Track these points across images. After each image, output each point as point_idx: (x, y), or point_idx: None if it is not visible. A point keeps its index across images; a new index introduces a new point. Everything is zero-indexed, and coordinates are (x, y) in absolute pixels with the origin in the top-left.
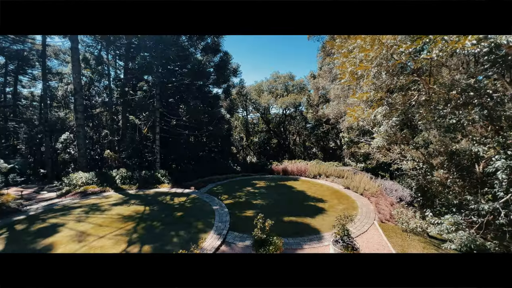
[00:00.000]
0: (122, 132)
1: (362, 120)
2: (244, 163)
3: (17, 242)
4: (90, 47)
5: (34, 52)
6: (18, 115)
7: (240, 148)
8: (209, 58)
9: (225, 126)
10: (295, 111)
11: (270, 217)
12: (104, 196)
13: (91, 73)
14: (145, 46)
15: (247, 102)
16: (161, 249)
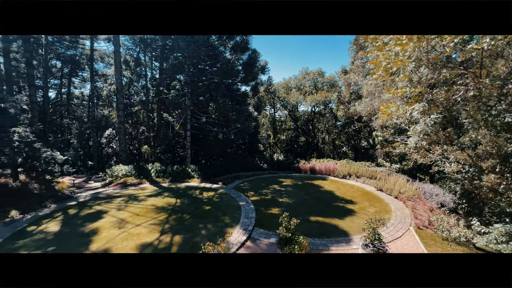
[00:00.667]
0: (157, 129)
1: (396, 117)
2: (270, 160)
3: (69, 225)
4: (130, 50)
5: (84, 56)
6: (71, 113)
7: (267, 145)
8: (237, 56)
9: (252, 124)
10: (324, 108)
11: (296, 216)
12: (141, 187)
13: (130, 74)
14: (178, 47)
15: (275, 100)
16: (190, 240)
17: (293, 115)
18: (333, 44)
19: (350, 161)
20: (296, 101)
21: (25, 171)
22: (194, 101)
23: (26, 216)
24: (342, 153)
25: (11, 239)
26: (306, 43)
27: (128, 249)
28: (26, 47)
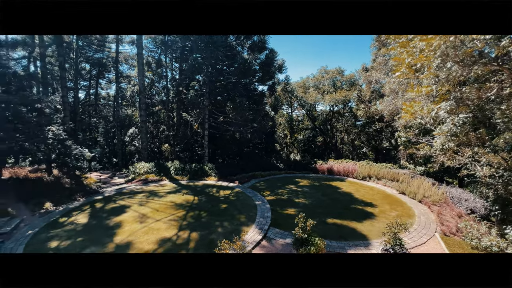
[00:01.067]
0: (176, 128)
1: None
2: (287, 160)
3: (96, 218)
4: (152, 52)
5: (110, 59)
6: (98, 112)
7: (283, 145)
8: (255, 56)
9: (269, 123)
10: (343, 107)
11: (312, 217)
12: (161, 184)
13: (152, 75)
14: (197, 48)
15: (292, 99)
16: (207, 237)
17: (310, 114)
18: (352, 43)
19: (370, 162)
20: (314, 101)
21: (57, 166)
22: (212, 101)
23: (59, 208)
24: (361, 154)
25: (45, 229)
26: (325, 42)
27: (149, 243)
28: (60, 51)
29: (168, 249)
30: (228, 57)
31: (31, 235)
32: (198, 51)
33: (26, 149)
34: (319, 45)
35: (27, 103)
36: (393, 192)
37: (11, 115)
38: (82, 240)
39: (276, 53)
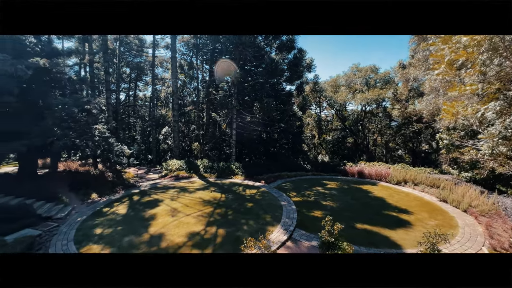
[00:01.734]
0: (205, 127)
1: (463, 118)
2: (315, 161)
3: (133, 209)
4: (184, 55)
5: (147, 63)
6: (136, 112)
7: (311, 146)
8: (283, 56)
9: (296, 123)
10: (377, 107)
11: (340, 221)
12: (191, 181)
13: (184, 77)
14: (226, 50)
15: (321, 99)
16: (233, 234)
17: (340, 114)
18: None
19: (407, 166)
20: (344, 100)
21: (102, 161)
22: (240, 101)
23: (102, 198)
24: (396, 157)
25: (92, 217)
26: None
27: (179, 236)
28: (105, 57)
29: (196, 242)
30: (256, 58)
31: (80, 222)
32: (227, 53)
33: (77, 145)
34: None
35: (78, 104)
36: (432, 200)
37: (66, 115)
38: (122, 229)
39: (304, 52)
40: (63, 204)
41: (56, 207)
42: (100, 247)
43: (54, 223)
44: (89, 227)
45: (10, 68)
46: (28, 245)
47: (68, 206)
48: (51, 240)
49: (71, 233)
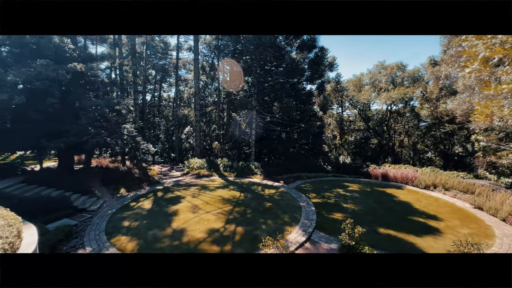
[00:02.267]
0: (226, 127)
1: (499, 119)
2: (335, 162)
3: (158, 205)
4: (206, 56)
5: (171, 65)
6: (160, 112)
7: (332, 146)
8: (304, 55)
9: (317, 123)
10: (404, 106)
11: (361, 225)
12: (211, 179)
13: (206, 78)
14: (247, 51)
15: (343, 98)
16: (251, 233)
17: (364, 114)
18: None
19: (436, 169)
20: (368, 99)
21: (129, 158)
22: (259, 101)
23: (130, 193)
24: (425, 160)
25: (120, 210)
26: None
27: (200, 232)
28: (133, 61)
29: (216, 239)
30: (276, 58)
31: (110, 214)
32: (247, 53)
33: (108, 143)
34: (376, 40)
35: (109, 105)
36: (465, 206)
37: (98, 115)
38: (147, 223)
39: (326, 51)
40: (96, 197)
41: (89, 200)
42: (127, 239)
43: (88, 214)
44: (118, 219)
45: (52, 73)
46: (67, 233)
47: (100, 200)
48: (86, 230)
49: (102, 225)
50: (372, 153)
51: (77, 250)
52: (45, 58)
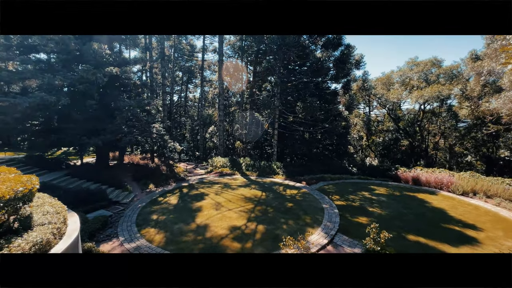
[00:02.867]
0: (248, 127)
1: None
2: (361, 164)
3: (183, 201)
4: (230, 57)
5: (197, 66)
6: (186, 112)
7: (358, 148)
8: (329, 54)
9: (342, 124)
10: (440, 105)
11: (388, 230)
12: (233, 178)
13: (229, 78)
14: (270, 51)
15: (371, 97)
16: (272, 232)
17: (393, 114)
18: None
19: (477, 174)
20: (398, 98)
21: (158, 156)
22: (282, 101)
23: (158, 189)
24: (464, 164)
25: (149, 204)
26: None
27: (222, 228)
28: (162, 64)
29: (237, 236)
30: (300, 57)
31: (140, 208)
32: (271, 54)
33: (138, 141)
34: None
35: (140, 105)
36: (511, 216)
37: (131, 115)
38: (173, 218)
39: (353, 48)
40: (128, 191)
41: (122, 194)
42: (155, 231)
43: (121, 206)
44: (147, 213)
45: (92, 76)
46: (103, 223)
47: (132, 194)
48: (119, 221)
49: (133, 217)
50: (402, 156)
51: (112, 239)
52: (86, 63)
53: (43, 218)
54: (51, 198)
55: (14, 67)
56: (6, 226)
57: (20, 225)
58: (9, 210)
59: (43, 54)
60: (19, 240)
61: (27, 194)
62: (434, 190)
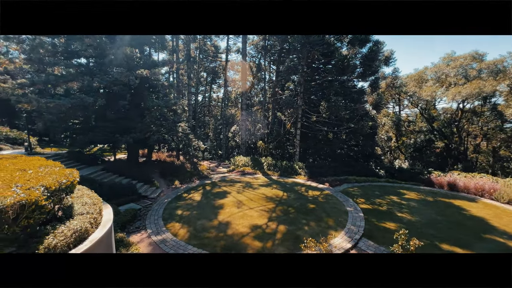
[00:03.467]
0: (270, 127)
1: None
2: (390, 167)
3: (206, 198)
4: (253, 57)
5: (221, 67)
6: (210, 112)
7: (386, 149)
8: (355, 51)
9: (368, 124)
10: (482, 104)
11: (419, 238)
12: (255, 177)
13: (252, 78)
14: (294, 49)
15: (401, 96)
16: (293, 233)
17: (426, 113)
18: None
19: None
20: (432, 96)
21: (183, 154)
22: (305, 100)
23: (183, 186)
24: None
25: (175, 200)
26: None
27: (243, 226)
28: (188, 65)
29: (258, 235)
30: (324, 55)
31: (167, 203)
32: (295, 52)
33: (165, 139)
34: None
35: (168, 105)
36: None
37: (159, 115)
38: (197, 214)
39: (382, 44)
40: (155, 187)
41: (150, 189)
42: (180, 225)
43: (149, 201)
44: (173, 208)
45: (125, 78)
46: (133, 215)
47: (159, 189)
48: (147, 214)
49: (160, 211)
50: (437, 158)
51: (140, 231)
52: (119, 66)
53: (82, 208)
54: (88, 190)
55: (59, 71)
56: (52, 214)
57: (63, 213)
58: (55, 200)
59: (83, 59)
60: (63, 227)
61: (69, 186)
62: (474, 197)
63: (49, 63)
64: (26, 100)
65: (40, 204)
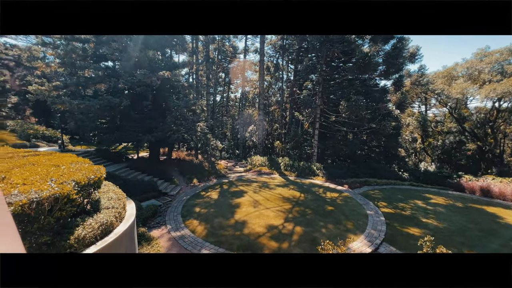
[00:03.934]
0: (288, 127)
1: None
2: (414, 170)
3: (223, 196)
4: (271, 57)
5: (239, 67)
6: (228, 112)
7: (411, 151)
8: (378, 48)
9: (391, 124)
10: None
11: (446, 246)
12: (271, 177)
13: (270, 78)
14: (313, 48)
15: (428, 94)
16: (310, 234)
17: (456, 113)
18: None
19: None
20: (462, 94)
21: (201, 153)
22: (324, 100)
23: (201, 184)
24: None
25: (193, 197)
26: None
27: (259, 226)
28: (207, 66)
29: (274, 235)
30: (344, 53)
31: (185, 200)
32: (313, 51)
33: (185, 139)
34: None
35: (187, 106)
36: None
37: (179, 114)
38: (214, 212)
39: (407, 41)
40: (175, 184)
41: (170, 186)
42: (198, 223)
43: (169, 198)
44: (191, 205)
45: (148, 80)
46: (154, 211)
47: (178, 186)
48: (167, 211)
49: (179, 208)
50: (468, 161)
51: (161, 226)
52: (143, 68)
53: (108, 203)
54: (114, 186)
55: (89, 73)
56: (81, 207)
57: (91, 207)
58: (84, 194)
59: (110, 62)
60: (91, 219)
61: (97, 181)
62: (510, 204)
63: (80, 66)
64: (60, 101)
65: (72, 198)
